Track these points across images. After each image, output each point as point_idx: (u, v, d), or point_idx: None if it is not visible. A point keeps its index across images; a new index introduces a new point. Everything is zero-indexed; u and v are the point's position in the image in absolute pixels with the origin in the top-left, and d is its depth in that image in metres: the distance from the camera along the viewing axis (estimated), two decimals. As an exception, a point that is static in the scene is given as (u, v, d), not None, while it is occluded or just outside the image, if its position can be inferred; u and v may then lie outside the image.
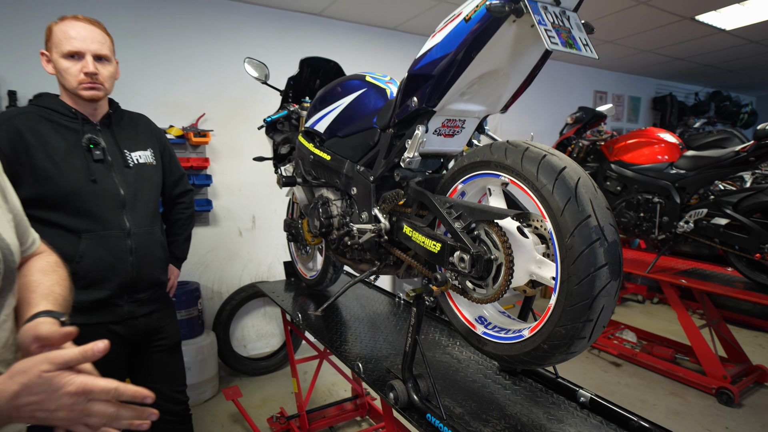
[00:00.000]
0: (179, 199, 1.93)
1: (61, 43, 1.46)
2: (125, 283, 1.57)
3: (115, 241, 1.55)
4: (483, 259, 1.07)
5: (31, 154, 1.45)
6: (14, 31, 2.52)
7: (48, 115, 1.52)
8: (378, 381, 1.39)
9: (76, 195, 1.49)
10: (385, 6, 3.22)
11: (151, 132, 1.77)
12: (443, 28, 1.13)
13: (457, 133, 1.39)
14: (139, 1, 2.83)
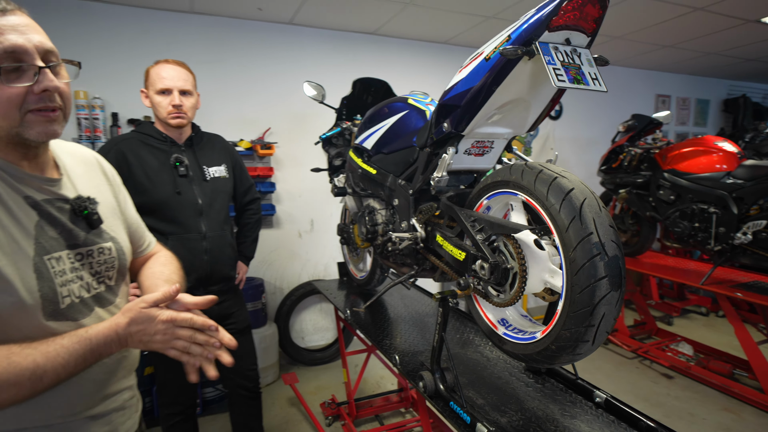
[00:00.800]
0: (248, 206, 2.25)
1: (155, 83, 1.85)
2: (201, 277, 1.90)
3: (194, 242, 1.88)
4: (500, 267, 1.22)
5: (132, 171, 1.81)
6: (117, 66, 2.96)
7: (145, 140, 1.89)
8: (412, 372, 1.56)
9: (165, 204, 1.84)
10: (437, 23, 3.38)
11: (225, 150, 2.10)
12: (468, 64, 1.28)
13: (486, 152, 1.53)
14: (216, 32, 3.21)
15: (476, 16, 3.22)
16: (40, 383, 0.77)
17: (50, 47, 0.84)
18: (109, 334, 0.84)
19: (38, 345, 0.78)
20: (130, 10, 2.97)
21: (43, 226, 0.86)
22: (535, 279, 1.20)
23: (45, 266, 0.84)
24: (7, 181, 0.83)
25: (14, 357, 0.75)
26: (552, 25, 1.10)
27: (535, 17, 1.11)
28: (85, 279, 0.92)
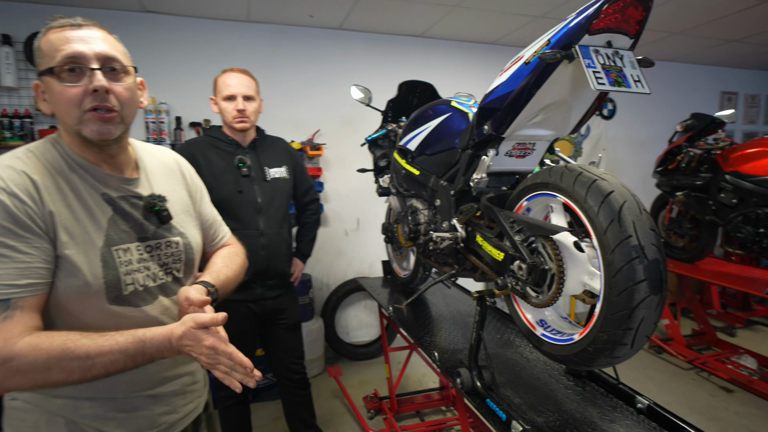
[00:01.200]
0: (307, 207, 2.40)
1: (222, 90, 2.02)
2: (258, 272, 2.04)
3: (252, 238, 2.01)
4: (538, 268, 1.23)
5: (201, 171, 1.95)
6: (181, 73, 3.19)
7: (213, 142, 2.07)
8: (450, 369, 1.60)
9: (228, 202, 1.98)
10: (484, 24, 3.37)
11: (286, 152, 2.25)
12: (508, 68, 1.31)
13: (528, 154, 1.54)
14: (271, 39, 3.38)
15: (524, 16, 3.18)
16: (89, 372, 0.84)
17: (111, 55, 0.93)
18: (163, 341, 0.89)
19: (96, 337, 0.85)
20: (194, 21, 3.18)
21: (116, 220, 0.98)
22: (574, 281, 1.21)
23: (111, 256, 0.94)
24: (88, 180, 0.96)
25: (69, 344, 0.82)
26: (592, 28, 1.10)
27: (574, 21, 1.12)
28: (152, 269, 1.02)
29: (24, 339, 0.81)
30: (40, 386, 0.87)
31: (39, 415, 0.93)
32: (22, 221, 0.84)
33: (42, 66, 0.91)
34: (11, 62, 2.79)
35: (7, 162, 0.89)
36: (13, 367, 0.80)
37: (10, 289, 0.82)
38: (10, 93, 2.89)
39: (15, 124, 2.83)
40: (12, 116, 2.84)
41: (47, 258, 0.87)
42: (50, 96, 0.92)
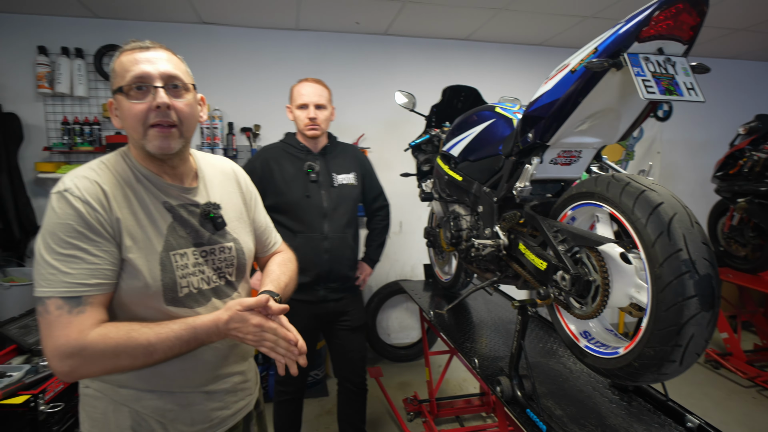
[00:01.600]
0: (377, 212, 2.47)
1: (296, 99, 2.13)
2: (321, 274, 2.12)
3: (316, 241, 2.11)
4: (582, 279, 1.21)
5: (273, 175, 2.11)
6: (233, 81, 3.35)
7: (286, 149, 2.18)
8: (490, 376, 1.60)
9: (296, 206, 2.09)
10: (532, 26, 3.31)
11: (356, 159, 2.32)
12: (554, 76, 1.29)
13: (573, 161, 1.51)
14: (318, 46, 3.47)
15: (574, 16, 3.10)
16: (151, 357, 0.93)
17: (173, 73, 1.00)
18: (211, 326, 0.98)
19: (154, 326, 0.94)
20: (246, 30, 3.33)
21: (175, 226, 1.05)
22: (620, 293, 1.18)
23: (169, 260, 1.02)
24: (151, 189, 1.04)
25: (133, 333, 0.92)
26: (642, 36, 1.08)
27: (623, 29, 1.10)
28: (206, 273, 1.10)
29: (94, 330, 0.90)
30: (109, 372, 0.95)
31: (107, 403, 1.03)
32: (94, 227, 0.93)
33: (114, 85, 1.00)
34: (83, 74, 3.03)
35: (83, 173, 0.98)
36: (86, 355, 0.89)
37: (82, 287, 0.91)
38: (82, 102, 3.14)
39: (85, 131, 3.07)
40: (83, 123, 3.08)
41: (114, 260, 0.95)
42: (120, 112, 1.01)
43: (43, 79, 2.95)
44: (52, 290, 0.89)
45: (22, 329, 1.96)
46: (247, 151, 3.38)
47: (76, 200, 0.92)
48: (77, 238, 0.91)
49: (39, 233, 0.94)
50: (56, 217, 0.92)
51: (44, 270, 0.90)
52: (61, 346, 0.88)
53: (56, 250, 0.90)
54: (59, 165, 3.04)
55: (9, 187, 2.90)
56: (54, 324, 0.89)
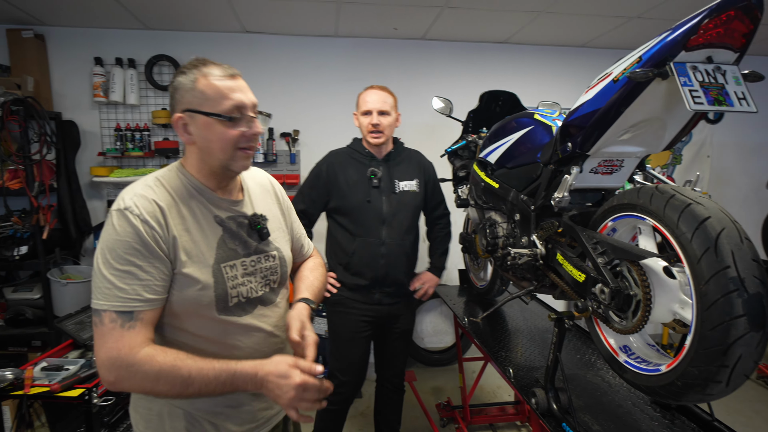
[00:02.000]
0: (438, 221, 2.47)
1: (361, 106, 2.19)
2: (376, 278, 2.16)
3: (373, 246, 2.15)
4: (622, 294, 1.18)
5: (338, 178, 2.17)
6: (273, 87, 3.43)
7: (352, 154, 2.24)
8: (525, 387, 1.58)
9: (357, 210, 2.15)
10: (573, 28, 3.24)
11: (420, 166, 2.33)
12: (595, 85, 1.27)
13: (615, 171, 1.47)
14: (356, 52, 3.51)
15: (618, 17, 3.01)
16: (187, 390, 0.95)
17: (256, 103, 1.10)
18: (250, 374, 0.99)
19: (199, 360, 0.97)
20: (287, 38, 3.42)
21: (225, 239, 1.11)
22: (663, 309, 1.15)
23: (220, 272, 1.07)
24: (204, 204, 1.10)
25: (178, 362, 0.95)
26: (690, 44, 1.04)
27: (670, 37, 1.06)
28: (253, 282, 1.15)
29: (144, 349, 0.94)
30: (144, 393, 1.00)
31: (162, 405, 1.07)
32: (150, 245, 0.97)
33: (205, 108, 1.03)
34: (134, 83, 3.20)
35: (142, 191, 1.02)
36: (132, 371, 0.93)
37: (135, 302, 0.95)
38: (133, 109, 3.31)
39: (136, 137, 3.23)
40: (134, 129, 3.26)
41: (165, 277, 1.00)
42: (203, 132, 1.05)
43: (99, 89, 3.14)
44: (108, 304, 0.95)
45: (78, 325, 2.09)
46: (287, 156, 3.47)
47: (135, 219, 0.97)
48: (133, 255, 0.96)
49: (98, 246, 0.99)
50: (115, 233, 0.96)
51: (101, 283, 0.96)
52: (112, 358, 0.93)
53: (113, 265, 0.95)
54: (112, 169, 3.22)
55: (67, 190, 3.10)
56: (107, 335, 0.94)
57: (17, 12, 2.88)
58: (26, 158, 2.75)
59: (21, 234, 2.86)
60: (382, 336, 2.31)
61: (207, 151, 1.07)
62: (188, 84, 1.04)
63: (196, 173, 1.10)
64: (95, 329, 0.96)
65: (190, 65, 1.06)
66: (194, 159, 1.09)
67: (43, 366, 1.79)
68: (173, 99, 1.07)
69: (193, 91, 1.04)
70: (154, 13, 2.93)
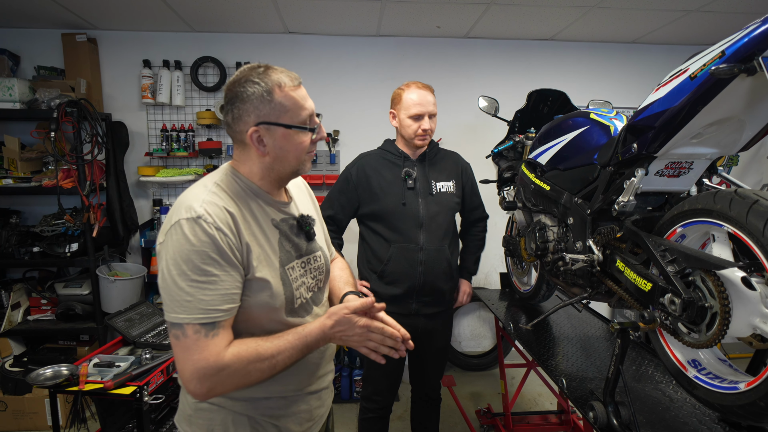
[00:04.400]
0: (475, 224, 2.34)
1: (409, 108, 2.01)
2: (414, 286, 2.04)
3: (411, 252, 2.02)
4: (696, 305, 1.11)
5: (370, 182, 2.07)
6: (315, 87, 3.44)
7: (384, 155, 2.13)
8: (580, 399, 1.51)
9: (392, 214, 2.03)
10: (624, 23, 3.10)
11: (457, 166, 2.21)
12: (667, 82, 1.19)
13: (683, 173, 1.39)
14: (397, 51, 3.48)
15: (675, 11, 2.86)
16: (275, 369, 1.00)
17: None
18: (319, 333, 1.05)
19: (274, 339, 1.01)
20: (329, 38, 3.42)
21: (283, 242, 1.11)
22: (741, 322, 1.07)
23: (286, 275, 1.08)
24: (262, 206, 1.09)
25: (259, 349, 0.98)
26: (782, 38, 0.96)
27: (759, 30, 0.98)
28: (309, 283, 1.16)
29: (228, 351, 0.95)
30: (240, 387, 1.01)
31: (226, 415, 1.07)
32: (226, 254, 0.95)
33: (285, 120, 1.03)
34: (180, 84, 3.27)
35: (208, 198, 0.99)
36: (224, 375, 0.94)
37: (216, 313, 0.94)
38: (179, 110, 3.39)
39: (181, 137, 3.31)
40: (179, 130, 3.33)
41: (239, 284, 0.99)
42: (280, 143, 1.04)
43: (147, 90, 3.22)
44: (190, 317, 0.93)
45: (127, 322, 2.15)
46: (326, 156, 3.48)
47: (210, 227, 0.94)
48: (211, 265, 0.94)
49: (167, 257, 0.94)
50: (189, 244, 0.93)
51: (179, 296, 0.93)
52: (201, 369, 0.92)
53: (191, 276, 0.93)
54: (158, 169, 3.30)
55: (116, 189, 3.20)
56: (192, 348, 0.93)
57: (72, 17, 3.00)
58: (79, 158, 2.85)
59: (72, 231, 2.97)
60: (418, 351, 2.14)
61: (280, 160, 1.06)
62: (264, 96, 1.01)
63: (255, 178, 1.09)
64: (176, 342, 0.94)
65: (255, 74, 1.02)
66: (257, 167, 1.08)
67: (95, 362, 1.84)
68: (238, 109, 1.02)
69: (271, 103, 1.01)
70: (200, 15, 2.99)
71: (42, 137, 2.91)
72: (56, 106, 2.72)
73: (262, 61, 1.11)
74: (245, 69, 1.05)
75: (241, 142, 1.06)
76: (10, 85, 2.80)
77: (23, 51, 3.24)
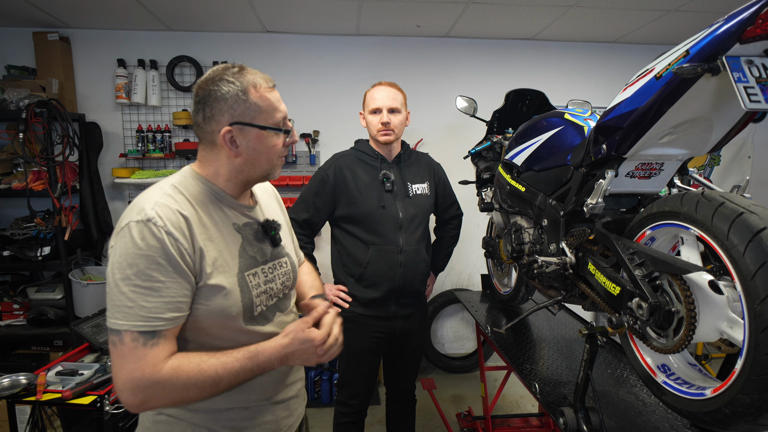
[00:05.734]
0: (449, 222, 2.34)
1: (369, 104, 2.04)
2: (393, 289, 2.02)
3: (390, 254, 2.01)
4: (663, 310, 1.08)
5: (347, 184, 2.02)
6: (295, 86, 3.40)
7: (360, 156, 2.09)
8: (552, 404, 1.48)
9: (370, 216, 2.00)
10: (605, 23, 3.09)
11: (429, 168, 2.21)
12: (634, 82, 1.17)
13: (654, 174, 1.37)
14: (378, 51, 3.44)
15: (655, 10, 2.85)
16: (217, 388, 0.94)
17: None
18: (273, 353, 1.00)
19: (221, 356, 0.95)
20: (307, 37, 3.37)
21: (245, 247, 1.06)
22: (708, 327, 1.05)
23: (245, 281, 1.03)
24: (224, 210, 1.05)
25: (203, 365, 0.92)
26: (746, 36, 0.94)
27: (722, 29, 0.96)
28: (273, 290, 1.11)
29: (168, 363, 0.90)
30: (176, 404, 0.97)
31: (185, 427, 1.02)
32: (174, 259, 0.90)
33: (259, 120, 1.01)
34: (156, 84, 3.20)
35: (163, 200, 0.94)
36: (158, 388, 0.89)
37: (157, 321, 0.89)
38: (155, 111, 3.32)
39: (157, 138, 3.24)
40: (155, 131, 3.26)
41: (188, 293, 0.94)
42: (254, 144, 1.01)
43: (122, 90, 3.15)
44: (129, 323, 0.88)
45: (95, 328, 2.09)
46: (306, 157, 3.43)
47: (159, 231, 0.89)
48: (157, 270, 0.89)
49: (113, 259, 0.90)
50: (136, 247, 0.88)
51: (120, 301, 0.88)
52: (135, 380, 0.87)
53: (134, 281, 0.88)
54: (133, 170, 3.23)
55: (89, 191, 3.13)
56: (128, 356, 0.88)
57: (43, 15, 2.92)
58: (49, 160, 2.77)
59: (44, 235, 2.90)
60: (393, 352, 2.19)
61: (252, 162, 1.03)
62: (238, 96, 0.98)
63: (220, 180, 1.05)
64: (113, 349, 0.90)
65: (230, 74, 0.99)
66: (224, 168, 1.04)
67: (58, 370, 1.78)
68: (210, 108, 0.99)
69: (246, 103, 0.99)
70: (175, 14, 2.93)
71: (11, 138, 2.83)
72: (25, 107, 2.65)
73: (240, 60, 1.09)
74: (218, 68, 1.02)
75: (211, 143, 1.02)
76: (-23, 85, 2.72)
77: (-6, 50, 3.16)
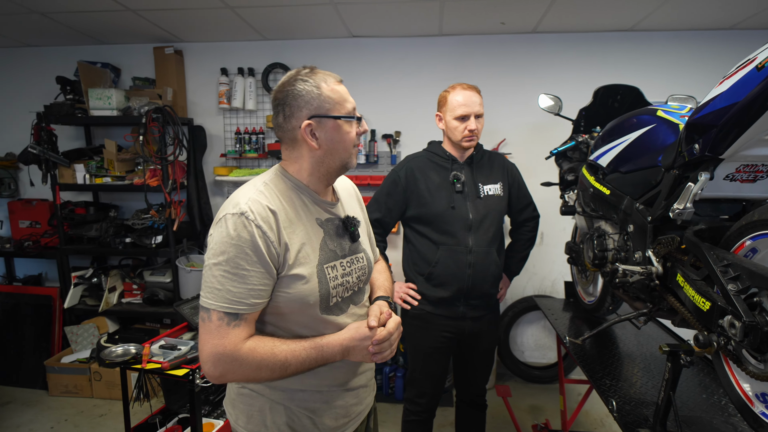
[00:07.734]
0: (525, 224, 2.28)
1: (454, 109, 1.99)
2: (462, 289, 2.02)
3: (460, 255, 2.01)
4: (759, 331, 0.96)
5: (418, 185, 2.07)
6: (376, 89, 3.48)
7: (432, 158, 2.12)
8: (630, 424, 1.37)
9: (441, 217, 2.02)
10: (719, 8, 2.75)
11: (503, 168, 2.17)
12: (731, 75, 1.05)
13: (760, 178, 1.21)
14: (460, 50, 3.40)
15: (780, -9, 2.50)
16: (285, 372, 1.04)
17: None
18: (335, 346, 1.09)
19: (291, 344, 1.05)
20: (390, 40, 3.44)
21: (326, 241, 1.15)
22: (819, 354, 0.91)
23: (324, 273, 1.11)
24: (309, 205, 1.14)
25: (275, 350, 1.03)
26: None
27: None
28: (349, 283, 1.18)
29: (246, 343, 1.01)
30: (249, 381, 1.09)
31: (264, 402, 1.14)
32: (260, 251, 1.00)
33: (334, 112, 1.10)
34: (252, 90, 3.48)
35: (254, 196, 1.05)
36: (236, 365, 1.01)
37: (241, 305, 1.01)
38: (251, 114, 3.61)
39: (252, 140, 3.52)
40: (251, 133, 3.55)
41: (269, 282, 1.04)
42: (331, 135, 1.11)
43: (223, 96, 3.47)
44: (216, 304, 1.00)
45: (193, 309, 2.33)
46: (388, 157, 3.50)
47: (250, 224, 1.00)
48: (244, 260, 0.99)
49: (212, 244, 1.02)
50: (229, 237, 1.00)
51: (211, 283, 1.01)
52: (218, 354, 0.99)
53: (224, 267, 0.99)
54: (231, 169, 3.55)
55: (195, 187, 3.50)
56: (214, 332, 1.00)
57: (161, 32, 3.31)
58: (163, 159, 3.14)
59: (157, 225, 3.29)
60: (463, 354, 2.17)
61: (331, 152, 1.12)
62: (313, 91, 1.08)
63: (303, 176, 1.14)
64: (202, 324, 1.02)
65: (303, 74, 1.10)
66: (307, 162, 1.13)
67: (161, 344, 2.02)
68: (289, 107, 1.09)
69: (320, 97, 1.09)
70: (270, 25, 3.16)
71: (134, 140, 3.25)
72: (144, 113, 3.03)
73: (327, 64, 1.18)
74: (291, 72, 1.13)
75: (292, 140, 1.12)
76: (109, 95, 3.18)
77: (123, 64, 3.65)
